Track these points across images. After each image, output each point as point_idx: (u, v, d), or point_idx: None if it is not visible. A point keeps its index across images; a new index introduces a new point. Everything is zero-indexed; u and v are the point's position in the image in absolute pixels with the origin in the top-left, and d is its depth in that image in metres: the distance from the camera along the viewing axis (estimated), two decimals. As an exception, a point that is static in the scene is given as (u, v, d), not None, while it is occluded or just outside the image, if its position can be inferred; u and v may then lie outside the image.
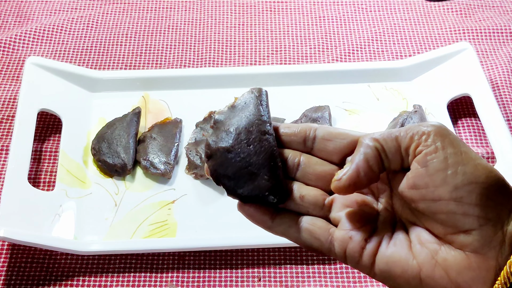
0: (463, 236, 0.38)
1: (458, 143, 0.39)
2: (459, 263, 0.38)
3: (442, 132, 0.39)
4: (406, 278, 0.40)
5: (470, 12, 1.02)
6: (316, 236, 0.42)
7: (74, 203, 0.75)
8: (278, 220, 0.43)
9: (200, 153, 0.79)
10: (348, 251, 0.41)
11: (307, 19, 1.01)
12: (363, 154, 0.40)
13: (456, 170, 0.38)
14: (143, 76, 0.88)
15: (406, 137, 0.40)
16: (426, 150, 0.39)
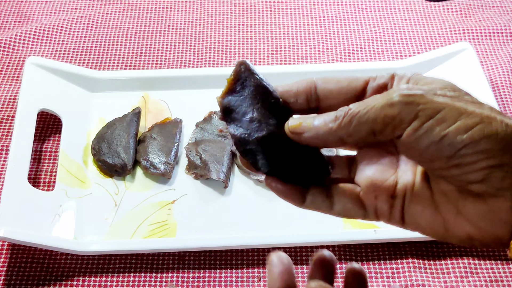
0: (476, 186, 0.38)
1: (432, 110, 0.37)
2: (479, 209, 0.39)
3: (407, 109, 0.38)
4: (432, 228, 0.41)
5: (470, 12, 1.02)
6: (349, 206, 0.43)
7: (74, 203, 0.75)
8: (310, 197, 0.43)
9: (200, 153, 0.79)
10: (379, 212, 0.42)
11: (307, 19, 1.01)
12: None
13: (442, 140, 0.37)
14: (143, 76, 0.88)
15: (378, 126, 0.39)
16: (404, 134, 0.38)
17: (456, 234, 0.40)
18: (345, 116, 0.39)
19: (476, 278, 0.70)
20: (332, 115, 0.40)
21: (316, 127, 0.40)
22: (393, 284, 0.69)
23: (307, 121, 0.41)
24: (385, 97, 0.38)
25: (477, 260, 0.72)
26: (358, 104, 0.39)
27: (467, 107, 0.37)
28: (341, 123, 0.39)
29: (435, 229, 0.41)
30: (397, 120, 0.38)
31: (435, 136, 0.37)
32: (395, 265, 0.71)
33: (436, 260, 0.72)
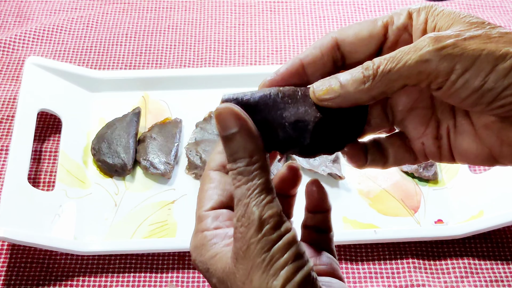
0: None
1: (466, 61, 0.37)
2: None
3: (443, 63, 0.37)
4: (481, 159, 0.42)
5: (470, 12, 1.01)
6: (401, 156, 0.44)
7: (74, 203, 0.75)
8: (370, 157, 0.44)
9: (200, 153, 0.79)
10: (428, 153, 0.43)
11: (307, 19, 1.01)
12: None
13: (482, 88, 0.37)
14: (143, 76, 0.88)
15: (412, 81, 0.39)
16: (442, 88, 0.38)
17: (504, 160, 0.41)
18: (376, 75, 0.38)
19: (476, 278, 0.70)
20: (360, 75, 0.39)
21: (346, 91, 0.39)
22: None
23: (332, 86, 0.39)
24: (417, 51, 0.37)
25: (477, 260, 0.72)
26: (386, 59, 0.38)
27: (499, 49, 0.37)
28: (372, 84, 0.38)
29: (484, 160, 0.42)
30: (433, 76, 0.37)
31: (476, 86, 0.37)
32: (395, 265, 0.71)
33: (436, 260, 0.72)
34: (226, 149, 0.39)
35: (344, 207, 0.76)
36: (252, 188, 0.37)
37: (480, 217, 0.72)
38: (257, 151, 0.38)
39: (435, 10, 0.41)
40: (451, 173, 0.78)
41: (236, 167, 0.38)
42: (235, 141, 0.38)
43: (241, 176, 0.38)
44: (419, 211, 0.76)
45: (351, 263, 0.71)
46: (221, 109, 0.39)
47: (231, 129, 0.38)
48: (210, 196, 0.42)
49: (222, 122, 0.39)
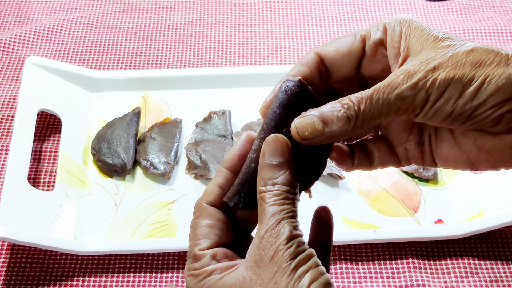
0: (491, 129, 0.41)
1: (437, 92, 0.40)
2: (497, 144, 0.42)
3: (418, 98, 0.40)
4: (460, 165, 0.44)
5: (470, 12, 1.02)
6: (386, 158, 0.47)
7: (74, 203, 0.75)
8: (356, 160, 0.46)
9: (200, 153, 0.79)
10: (411, 160, 0.46)
11: (307, 19, 1.01)
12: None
13: (454, 112, 0.40)
14: (143, 76, 0.88)
15: (391, 116, 0.41)
16: (417, 117, 0.41)
17: (482, 167, 0.44)
18: (358, 115, 0.40)
19: (476, 278, 0.70)
20: (343, 114, 0.40)
21: (331, 130, 0.41)
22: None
23: (316, 126, 0.41)
24: (393, 90, 0.40)
25: (477, 260, 0.72)
26: (364, 98, 0.40)
27: (466, 74, 0.39)
28: (356, 123, 0.41)
29: (464, 166, 0.44)
30: (410, 109, 0.40)
31: (448, 112, 0.40)
32: (395, 265, 0.71)
33: (436, 260, 0.72)
34: (267, 173, 0.41)
35: (344, 207, 0.76)
36: (286, 210, 0.40)
37: (480, 217, 0.72)
38: (296, 186, 0.42)
39: (409, 26, 0.43)
40: (451, 173, 0.78)
41: (275, 189, 0.41)
42: (281, 170, 0.41)
43: (276, 197, 0.40)
44: (419, 211, 0.76)
45: (351, 263, 0.71)
46: (275, 137, 0.41)
47: (281, 158, 0.41)
48: (207, 235, 0.43)
49: (273, 148, 0.41)
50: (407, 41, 0.42)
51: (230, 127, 0.83)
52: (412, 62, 0.41)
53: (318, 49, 0.45)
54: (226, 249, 0.43)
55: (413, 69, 0.40)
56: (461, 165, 0.44)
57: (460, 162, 0.44)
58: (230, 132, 0.82)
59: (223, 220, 0.43)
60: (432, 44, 0.41)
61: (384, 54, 0.44)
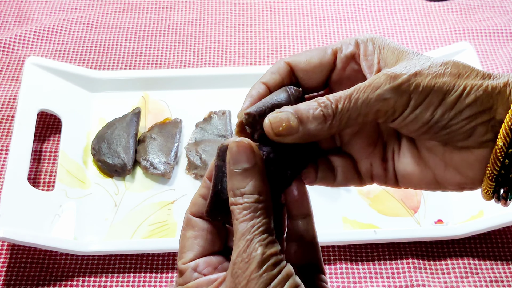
0: (462, 142, 0.40)
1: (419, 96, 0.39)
2: (467, 159, 0.41)
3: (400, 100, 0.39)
4: (425, 183, 0.43)
5: (470, 12, 1.02)
6: (348, 175, 0.45)
7: (74, 203, 0.75)
8: (320, 174, 0.44)
9: (200, 153, 0.79)
10: (374, 178, 0.45)
11: (307, 19, 1.01)
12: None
13: (431, 120, 0.39)
14: (143, 76, 0.88)
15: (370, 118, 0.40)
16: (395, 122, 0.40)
17: (448, 184, 0.42)
18: (335, 114, 0.39)
19: (476, 279, 0.70)
20: (319, 112, 0.40)
21: (306, 128, 0.40)
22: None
23: (291, 122, 0.40)
24: (374, 90, 0.39)
25: (477, 260, 0.72)
26: (343, 97, 0.40)
27: (447, 82, 0.39)
28: (332, 123, 0.40)
29: (428, 183, 0.43)
30: (390, 112, 0.39)
31: (425, 119, 0.40)
32: (395, 265, 0.71)
33: (436, 260, 0.72)
34: (234, 182, 0.39)
35: (344, 207, 0.76)
36: (256, 225, 0.39)
37: (480, 217, 0.72)
38: (266, 191, 0.40)
39: (382, 42, 0.43)
40: (451, 173, 0.78)
41: (243, 202, 0.39)
42: (247, 177, 0.39)
43: (246, 211, 0.39)
44: (419, 211, 0.76)
45: (351, 263, 0.71)
46: (237, 142, 0.39)
47: (243, 164, 0.39)
48: (191, 246, 0.43)
49: (235, 155, 0.39)
50: (381, 54, 0.42)
51: (230, 127, 0.83)
52: (392, 68, 0.40)
53: (288, 59, 0.44)
54: (210, 257, 0.42)
55: (395, 72, 0.39)
56: (425, 184, 0.43)
57: (424, 180, 0.43)
58: (230, 132, 0.82)
59: (208, 229, 0.43)
60: (407, 56, 0.41)
61: (354, 69, 0.44)
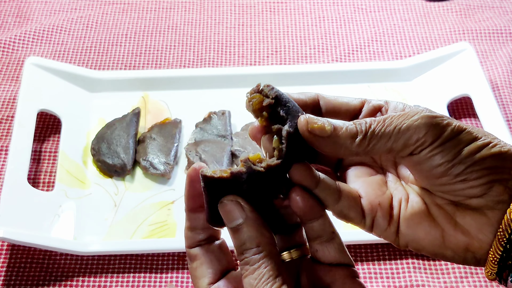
0: (476, 200, 0.40)
1: (451, 132, 0.39)
2: (479, 221, 0.40)
3: (433, 131, 0.39)
4: (429, 239, 0.42)
5: (470, 12, 1.02)
6: (353, 207, 0.42)
7: (73, 204, 0.75)
8: (322, 184, 0.42)
9: (200, 153, 0.79)
10: (375, 224, 0.43)
11: (307, 20, 1.01)
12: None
13: (455, 159, 0.39)
14: (143, 76, 0.88)
15: (398, 146, 0.40)
16: (421, 153, 0.40)
17: (453, 245, 0.41)
18: (367, 133, 0.40)
19: (476, 279, 0.70)
20: (353, 127, 0.40)
21: (336, 135, 0.40)
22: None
23: (326, 126, 0.40)
24: (409, 118, 0.39)
25: (477, 261, 0.72)
26: (377, 121, 0.40)
27: (476, 132, 0.40)
28: (361, 141, 0.40)
29: (432, 240, 0.42)
30: (420, 142, 0.39)
31: (451, 155, 0.39)
32: (395, 265, 0.71)
33: (436, 261, 0.72)
34: (235, 241, 0.41)
35: (344, 207, 0.75)
36: (259, 277, 0.39)
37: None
38: (263, 239, 0.40)
39: (408, 106, 0.43)
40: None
41: (243, 258, 0.40)
42: (242, 232, 0.40)
43: (248, 265, 0.40)
44: (419, 211, 0.75)
45: (351, 263, 0.71)
46: (225, 201, 0.41)
47: (236, 220, 0.40)
48: (202, 274, 0.44)
49: (228, 214, 0.41)
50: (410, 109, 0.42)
51: (230, 127, 0.83)
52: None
53: (320, 93, 0.45)
54: (228, 278, 0.44)
55: (429, 110, 0.40)
56: (430, 240, 0.42)
57: (430, 235, 0.42)
58: (230, 132, 0.82)
59: (208, 251, 0.44)
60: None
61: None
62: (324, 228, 0.42)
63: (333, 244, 0.43)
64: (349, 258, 0.44)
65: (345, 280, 0.42)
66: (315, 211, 0.42)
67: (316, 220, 0.42)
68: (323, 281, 0.43)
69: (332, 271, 0.43)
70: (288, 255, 0.44)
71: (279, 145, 0.41)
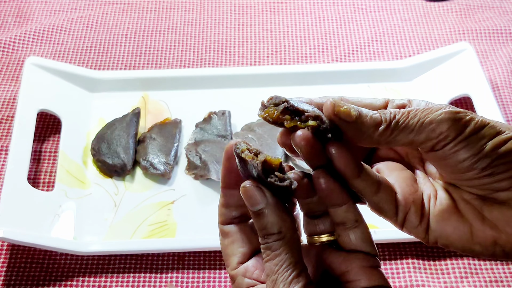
0: (504, 193, 0.40)
1: (474, 126, 0.39)
2: (506, 214, 0.40)
3: (456, 125, 0.39)
4: (458, 235, 0.42)
5: (470, 12, 1.02)
6: (389, 200, 0.42)
7: (73, 204, 0.75)
8: (364, 175, 0.41)
9: (200, 153, 0.79)
10: (407, 220, 0.43)
11: (307, 19, 1.01)
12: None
13: (480, 153, 0.39)
14: (143, 77, 0.88)
15: (421, 138, 0.40)
16: (446, 148, 0.40)
17: (482, 240, 0.41)
18: (391, 123, 0.40)
19: (476, 279, 0.70)
20: (378, 116, 0.40)
21: (361, 121, 0.40)
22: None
23: (351, 110, 0.40)
24: (433, 112, 0.40)
25: (477, 261, 0.72)
26: (401, 112, 0.40)
27: (501, 126, 0.40)
28: (385, 130, 0.40)
29: (461, 236, 0.42)
30: (442, 136, 0.39)
31: (475, 150, 0.39)
32: (395, 265, 0.71)
33: (436, 261, 0.72)
34: (257, 224, 0.41)
35: (344, 207, 0.75)
36: (279, 263, 0.40)
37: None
38: (284, 225, 0.41)
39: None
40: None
41: (265, 242, 0.41)
42: (264, 217, 0.41)
43: (269, 251, 0.40)
44: (419, 211, 0.75)
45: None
46: (247, 186, 0.41)
47: (258, 205, 0.41)
48: (232, 252, 0.44)
49: (249, 198, 0.41)
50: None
51: (230, 127, 0.83)
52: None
53: (343, 96, 0.45)
54: (257, 258, 0.44)
55: (453, 107, 0.40)
56: (459, 234, 0.42)
57: (459, 230, 0.42)
58: (230, 132, 0.82)
59: (240, 231, 0.45)
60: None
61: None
62: (347, 215, 0.42)
63: (356, 231, 0.43)
64: (373, 247, 0.43)
65: (362, 269, 0.42)
66: (338, 196, 0.41)
67: (340, 206, 0.42)
68: (338, 268, 0.43)
69: (350, 259, 0.42)
70: (318, 238, 0.44)
71: (315, 123, 0.40)
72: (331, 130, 0.40)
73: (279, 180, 0.40)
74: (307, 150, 0.40)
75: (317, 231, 0.44)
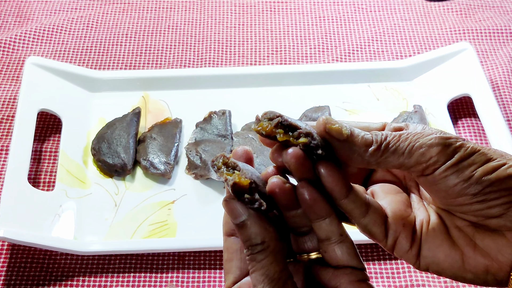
0: (495, 220, 0.40)
1: (464, 153, 0.40)
2: (498, 242, 0.41)
3: (446, 151, 0.39)
4: (449, 262, 0.42)
5: (470, 12, 1.02)
6: (378, 223, 0.42)
7: (74, 203, 0.75)
8: (353, 195, 0.41)
9: (200, 153, 0.79)
10: (397, 244, 0.42)
11: (307, 19, 1.01)
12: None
13: (470, 179, 0.39)
14: (143, 76, 0.88)
15: (410, 162, 0.40)
16: (435, 172, 0.40)
17: (473, 268, 0.41)
18: (381, 144, 0.40)
19: (476, 278, 0.70)
20: (369, 137, 0.40)
21: (352, 140, 0.40)
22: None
23: (343, 129, 0.40)
24: (424, 136, 0.40)
25: (477, 260, 0.72)
26: (393, 134, 0.40)
27: (491, 153, 0.40)
28: (375, 151, 0.40)
29: (452, 263, 0.42)
30: (432, 160, 0.39)
31: (465, 176, 0.39)
32: (395, 265, 0.71)
33: (436, 260, 0.72)
34: (241, 237, 0.41)
35: (344, 207, 0.75)
36: (265, 273, 0.40)
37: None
38: (268, 235, 0.41)
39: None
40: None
41: (250, 253, 0.41)
42: (247, 228, 0.41)
43: (254, 262, 0.40)
44: (419, 211, 0.75)
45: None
46: (227, 200, 0.41)
47: (241, 217, 0.41)
48: (230, 269, 0.44)
49: (231, 211, 0.41)
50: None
51: (230, 127, 0.83)
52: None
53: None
54: (247, 280, 0.43)
55: (445, 132, 0.41)
56: (450, 262, 0.42)
57: (450, 257, 0.42)
58: (230, 132, 0.82)
59: (241, 249, 0.44)
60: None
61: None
62: (332, 229, 0.42)
63: (342, 246, 0.42)
64: (359, 261, 0.43)
65: (351, 284, 0.42)
66: (321, 208, 0.41)
67: (323, 219, 0.41)
68: (328, 284, 0.43)
69: (338, 275, 0.42)
70: (307, 256, 0.44)
71: (306, 140, 0.40)
72: (323, 148, 0.40)
73: (249, 202, 0.40)
74: (296, 168, 0.40)
75: (305, 249, 0.44)
